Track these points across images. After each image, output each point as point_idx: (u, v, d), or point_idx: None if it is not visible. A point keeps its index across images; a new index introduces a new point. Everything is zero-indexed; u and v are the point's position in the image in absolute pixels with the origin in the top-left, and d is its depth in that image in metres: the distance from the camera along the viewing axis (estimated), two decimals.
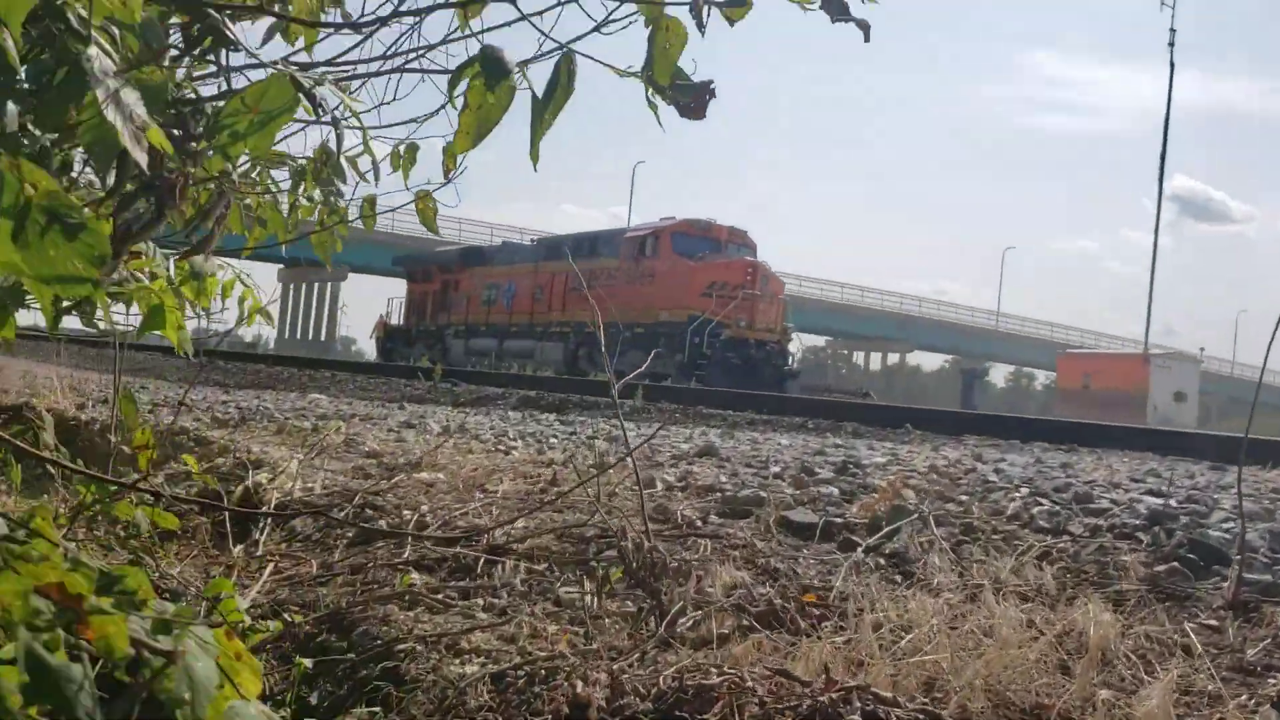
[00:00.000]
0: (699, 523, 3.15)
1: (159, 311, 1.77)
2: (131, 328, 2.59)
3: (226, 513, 3.54)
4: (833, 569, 2.67)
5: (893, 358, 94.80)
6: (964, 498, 3.57)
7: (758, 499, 3.43)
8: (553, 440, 5.64)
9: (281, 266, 49.02)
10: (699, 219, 25.91)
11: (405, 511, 3.40)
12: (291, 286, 72.31)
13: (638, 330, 24.49)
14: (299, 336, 67.52)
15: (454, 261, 33.52)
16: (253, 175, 3.06)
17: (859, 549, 2.83)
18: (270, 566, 3.00)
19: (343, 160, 2.94)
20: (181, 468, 4.24)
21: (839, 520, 3.12)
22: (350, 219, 2.93)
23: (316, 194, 2.91)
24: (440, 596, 2.66)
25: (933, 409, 13.64)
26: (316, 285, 67.00)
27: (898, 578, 2.58)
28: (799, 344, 25.36)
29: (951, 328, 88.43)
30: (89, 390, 7.47)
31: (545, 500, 3.54)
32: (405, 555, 2.98)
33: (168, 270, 2.00)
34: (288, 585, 2.85)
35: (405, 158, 3.20)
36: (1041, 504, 3.41)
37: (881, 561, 2.72)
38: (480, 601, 2.62)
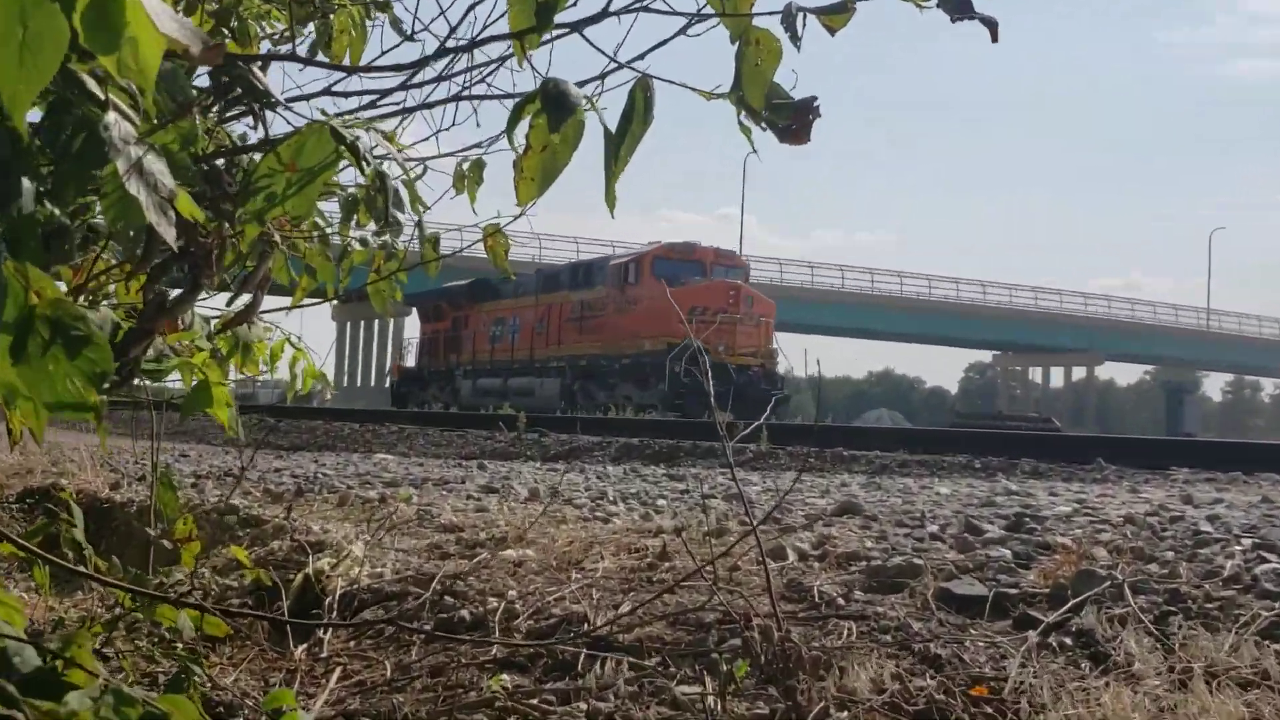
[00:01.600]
0: (840, 600, 3.14)
1: (205, 390, 1.86)
2: (172, 393, 2.73)
3: (286, 610, 3.67)
4: (1006, 654, 2.63)
5: (1078, 372, 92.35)
6: (1169, 555, 3.49)
7: (912, 568, 3.41)
8: (660, 502, 5.68)
9: (335, 304, 50.30)
10: (681, 243, 29.87)
11: (491, 599, 3.47)
12: (349, 325, 74.28)
13: (624, 361, 28.38)
14: (359, 384, 69.11)
15: (463, 297, 37.77)
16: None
17: (1038, 627, 2.79)
18: (338, 671, 3.09)
19: (399, 186, 3.04)
20: (231, 556, 4.41)
21: (1013, 591, 3.08)
22: (409, 265, 3.03)
23: (370, 233, 3.02)
24: (535, 702, 2.71)
25: (1130, 436, 13.27)
26: (378, 322, 68.65)
27: (1086, 663, 2.54)
28: (788, 365, 28.58)
29: (1150, 332, 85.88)
30: (123, 463, 7.79)
31: (654, 579, 3.57)
32: (493, 653, 3.04)
33: (210, 339, 2.10)
34: (358, 692, 2.94)
35: (470, 177, 3.31)
36: (1269, 560, 3.31)
37: (1067, 642, 2.68)
38: (583, 706, 2.66)
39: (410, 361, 41.27)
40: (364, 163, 1.22)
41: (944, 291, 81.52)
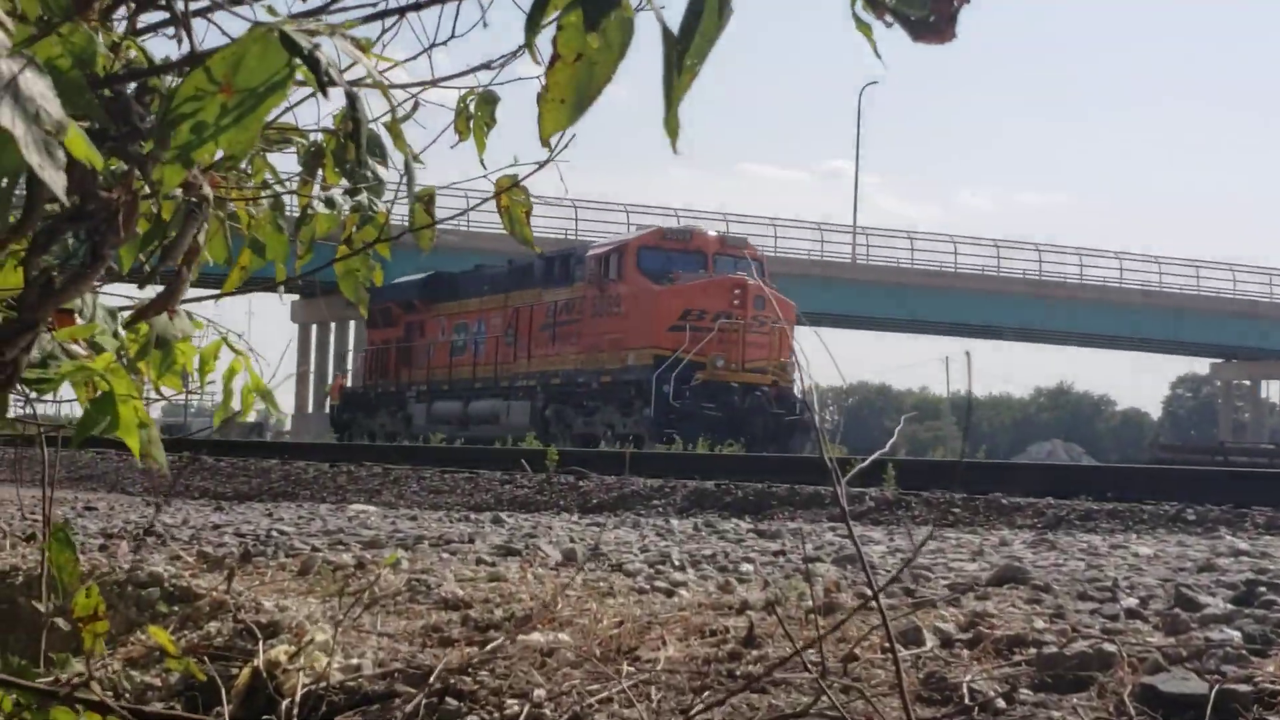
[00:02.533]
0: (1000, 702, 3.11)
1: (107, 404, 1.85)
2: (68, 421, 2.75)
3: (226, 713, 3.68)
4: None
5: None
6: None
7: (1100, 656, 3.37)
8: (745, 567, 5.66)
9: (296, 299, 50.88)
10: (677, 228, 31.65)
11: (510, 702, 3.47)
12: (315, 329, 74.68)
13: (604, 379, 29.59)
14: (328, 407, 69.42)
15: (417, 297, 38.90)
16: (242, 167, 3.21)
17: None
18: None
19: (381, 129, 3.07)
20: (151, 642, 4.44)
21: (1244, 688, 3.03)
22: (393, 236, 3.04)
23: (339, 191, 3.03)
24: None
25: None
26: (352, 324, 69.03)
27: None
28: (811, 384, 28.39)
29: None
30: (5, 517, 7.88)
31: (737, 673, 3.55)
32: None
33: (116, 336, 2.11)
34: None
35: (478, 116, 3.32)
36: None
37: None
38: None
39: (354, 380, 43.32)
40: (326, 80, 1.21)
41: (1141, 275, 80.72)
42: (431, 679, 3.67)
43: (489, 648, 3.99)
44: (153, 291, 2.51)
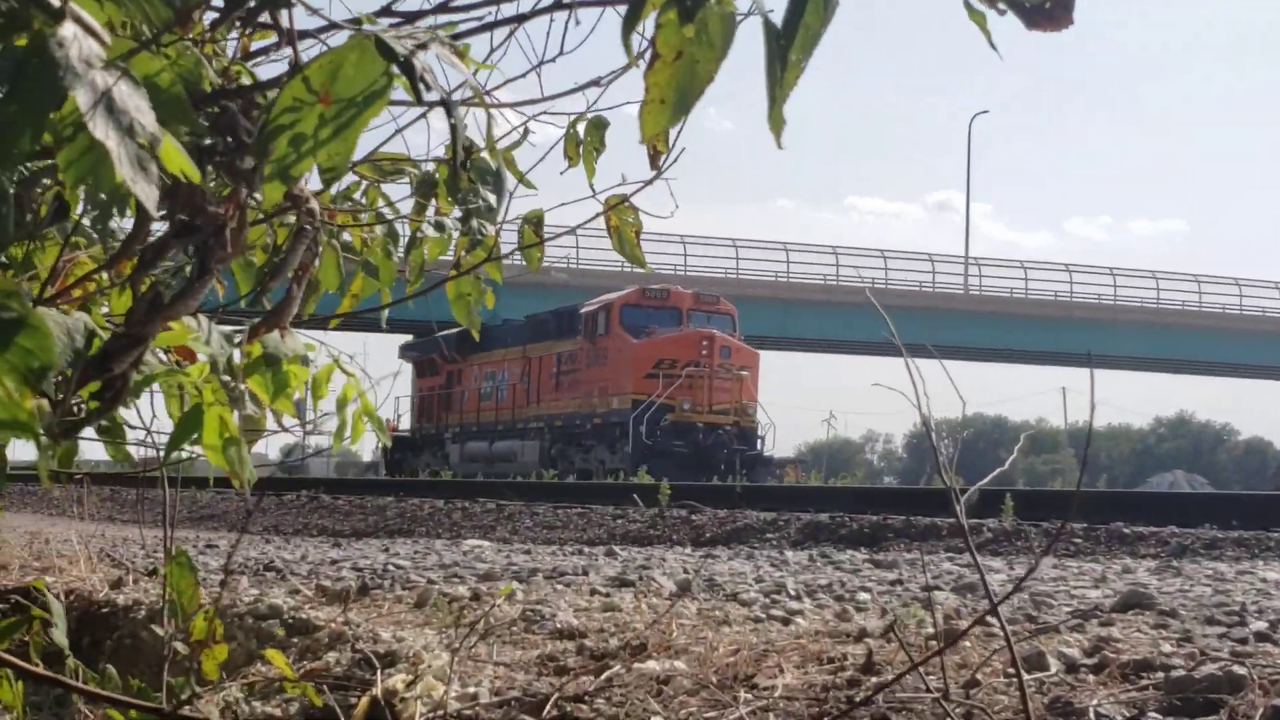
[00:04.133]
0: None
1: (197, 416, 1.85)
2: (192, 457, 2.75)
3: None
4: None
5: None
6: None
7: (1230, 680, 3.28)
8: (862, 596, 5.60)
9: (408, 340, 52.34)
10: (655, 287, 36.47)
11: None
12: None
13: (595, 420, 34.70)
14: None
15: (455, 348, 43.57)
16: (355, 196, 3.22)
17: None
18: None
19: (491, 157, 3.06)
20: (270, 670, 4.46)
21: None
22: (506, 253, 3.04)
23: (451, 220, 3.03)
24: None
25: None
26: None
27: None
28: (769, 423, 35.23)
29: None
30: (129, 555, 7.99)
31: (855, 699, 3.50)
32: None
33: (226, 351, 2.11)
34: None
35: (587, 143, 3.31)
36: None
37: None
38: None
39: (406, 423, 47.94)
40: (423, 85, 1.19)
41: (1263, 301, 79.18)
42: (548, 707, 3.65)
43: (605, 676, 3.97)
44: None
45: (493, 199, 3.03)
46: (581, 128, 3.21)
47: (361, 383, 2.54)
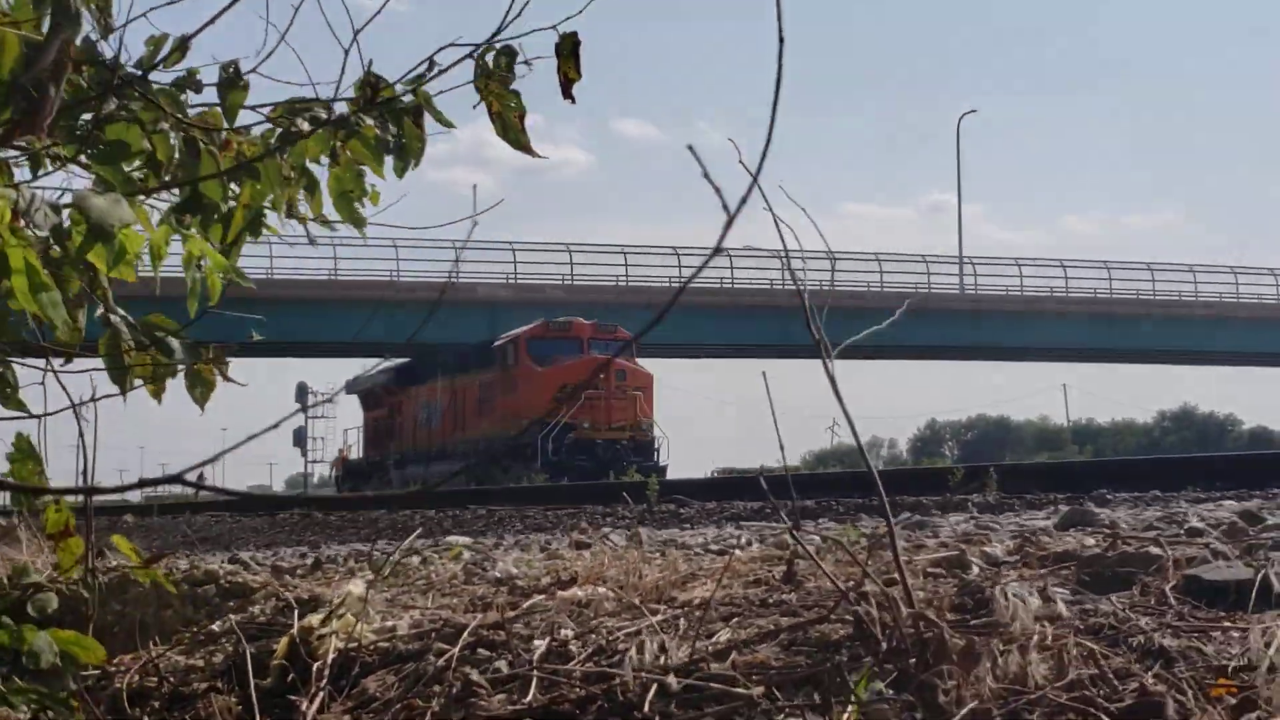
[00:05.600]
0: (1034, 601, 2.98)
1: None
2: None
3: (254, 687, 3.62)
4: (1273, 640, 2.44)
5: None
6: None
7: (1145, 558, 3.23)
8: (813, 538, 5.55)
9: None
10: (559, 320, 40.70)
11: (536, 642, 3.39)
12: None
13: (510, 441, 37.95)
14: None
15: (393, 383, 49.09)
16: (271, 142, 3.17)
17: None
18: None
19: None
20: (200, 631, 4.40)
21: None
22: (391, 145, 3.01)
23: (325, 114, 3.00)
24: None
25: None
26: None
27: None
28: (663, 436, 39.05)
29: None
30: None
31: (769, 602, 3.45)
32: (529, 700, 2.96)
33: (52, 220, 2.06)
34: None
35: (495, 71, 3.26)
36: None
37: None
38: None
39: (355, 453, 53.06)
40: None
41: (1258, 288, 78.81)
42: (463, 636, 3.58)
43: (527, 605, 3.91)
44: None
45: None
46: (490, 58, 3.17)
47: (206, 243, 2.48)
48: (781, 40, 1.45)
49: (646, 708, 2.75)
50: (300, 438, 57.38)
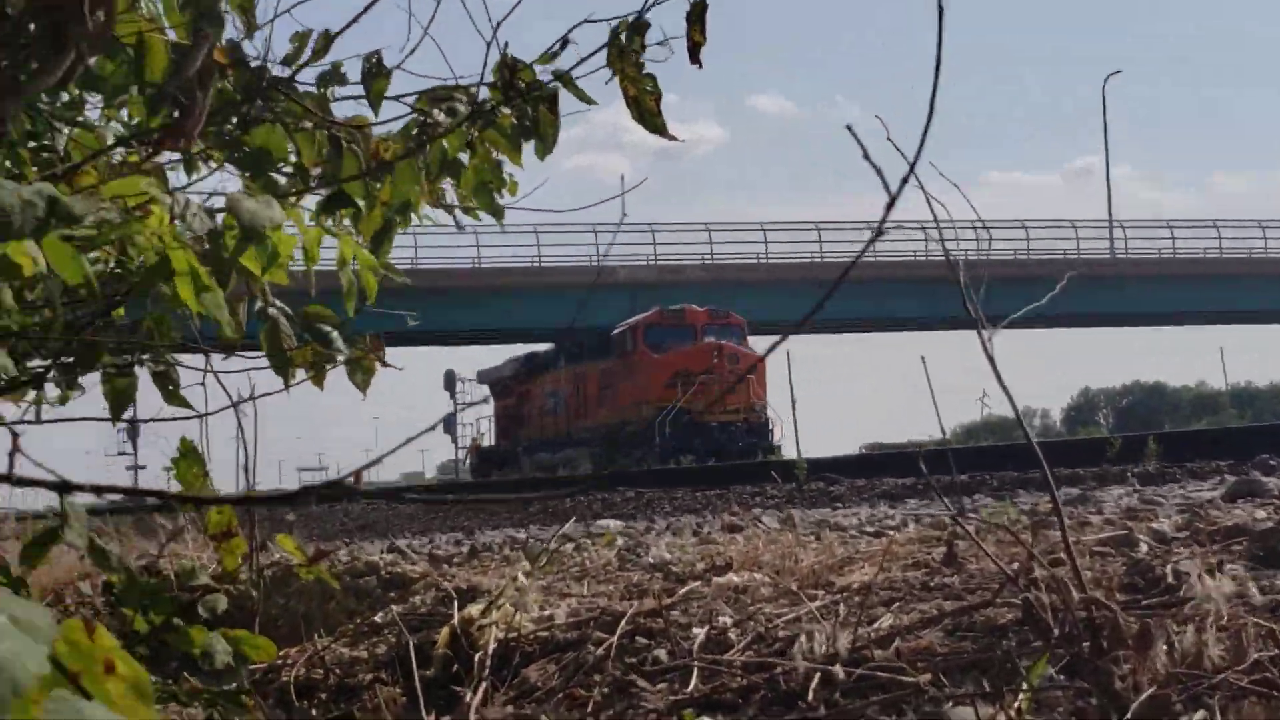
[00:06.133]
0: (1208, 579, 2.90)
1: (163, 265, 1.81)
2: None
3: (418, 678, 3.65)
4: None
5: None
6: None
7: None
8: (970, 519, 5.47)
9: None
10: (673, 308, 41.80)
11: (695, 629, 3.38)
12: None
13: (630, 427, 39.95)
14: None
15: (521, 372, 51.66)
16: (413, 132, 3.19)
17: None
18: None
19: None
20: (364, 623, 4.46)
21: None
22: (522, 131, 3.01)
23: (463, 107, 3.01)
24: None
25: None
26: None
27: None
28: (777, 417, 39.40)
29: None
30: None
31: (931, 586, 3.40)
32: (690, 689, 2.94)
33: (206, 225, 2.07)
34: None
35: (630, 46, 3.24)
36: None
37: None
38: None
39: (486, 441, 55.28)
40: None
41: None
42: (621, 624, 3.58)
43: (683, 592, 3.90)
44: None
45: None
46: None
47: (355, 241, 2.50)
48: (941, 9, 1.40)
49: (811, 696, 2.72)
50: (450, 425, 58.12)
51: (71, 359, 2.77)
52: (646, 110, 3.05)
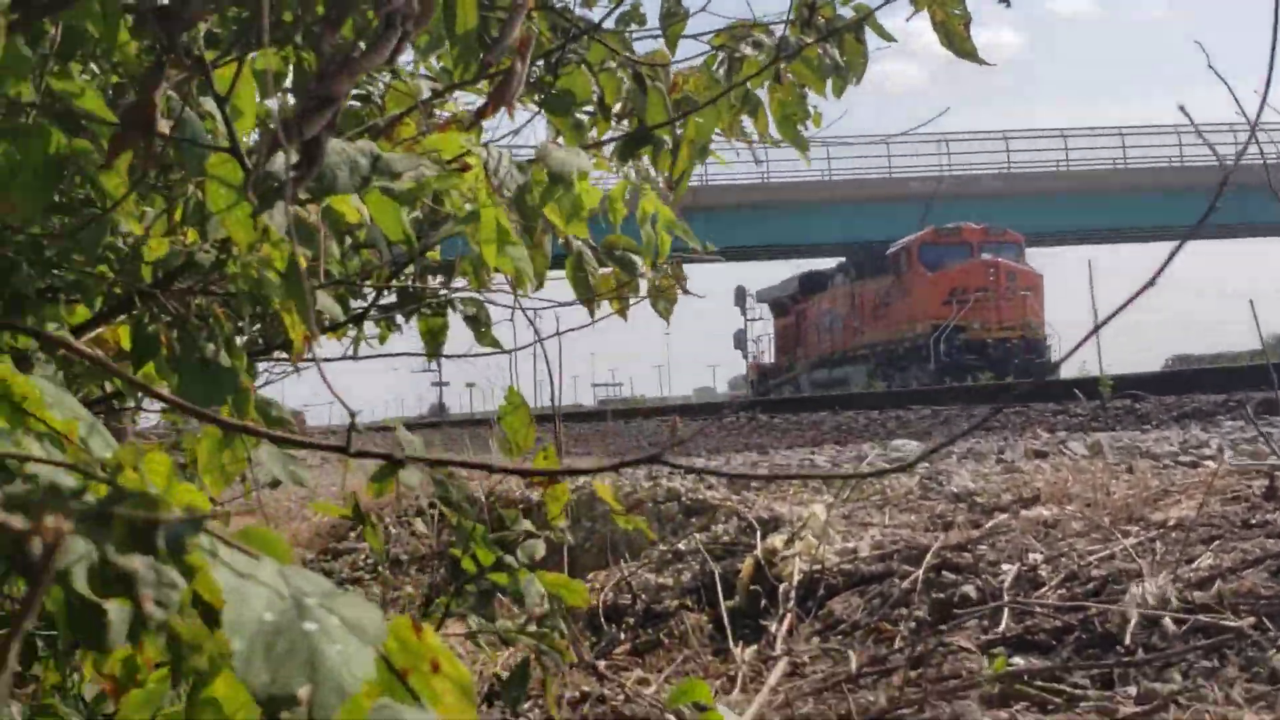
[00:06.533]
0: None
1: (473, 218, 1.86)
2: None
3: (724, 607, 3.71)
4: None
5: None
6: None
7: None
8: None
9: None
10: (949, 225, 41.28)
11: (1004, 566, 3.34)
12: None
13: (905, 345, 40.68)
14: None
15: (798, 291, 52.55)
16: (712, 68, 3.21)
17: None
18: (779, 666, 3.07)
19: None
20: (666, 550, 4.53)
21: None
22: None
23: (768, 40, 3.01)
24: (1060, 685, 2.56)
25: None
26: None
27: None
28: (1055, 335, 39.28)
29: None
30: None
31: (1251, 523, 3.29)
32: (1001, 629, 2.92)
33: (516, 180, 2.12)
34: (812, 692, 2.90)
35: None
36: None
37: None
38: (1132, 691, 2.47)
39: (766, 359, 56.97)
40: None
41: None
42: (928, 556, 3.56)
43: (989, 525, 3.86)
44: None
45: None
46: None
47: (656, 194, 2.52)
48: None
49: (1129, 639, 2.68)
50: (740, 340, 58.54)
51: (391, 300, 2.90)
52: (955, 35, 3.01)
